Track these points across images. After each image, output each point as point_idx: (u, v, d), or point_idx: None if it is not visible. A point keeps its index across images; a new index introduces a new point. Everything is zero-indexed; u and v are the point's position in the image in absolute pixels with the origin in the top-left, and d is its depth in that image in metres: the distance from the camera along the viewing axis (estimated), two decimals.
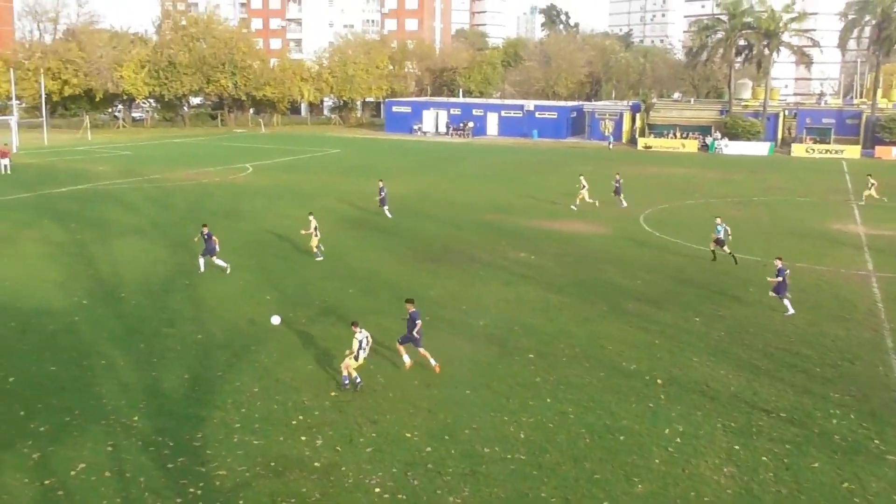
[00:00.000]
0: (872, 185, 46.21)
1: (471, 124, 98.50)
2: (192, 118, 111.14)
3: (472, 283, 27.85)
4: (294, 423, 16.42)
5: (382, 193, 40.10)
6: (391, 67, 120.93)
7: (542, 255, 32.42)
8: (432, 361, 19.35)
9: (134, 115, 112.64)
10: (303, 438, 15.71)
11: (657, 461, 15.00)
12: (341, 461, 14.81)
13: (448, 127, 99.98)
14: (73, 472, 14.21)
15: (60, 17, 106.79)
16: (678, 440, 15.86)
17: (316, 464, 14.70)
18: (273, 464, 14.66)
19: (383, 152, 76.95)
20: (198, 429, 16.03)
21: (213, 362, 19.76)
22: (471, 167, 64.94)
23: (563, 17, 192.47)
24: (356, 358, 18.18)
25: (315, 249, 30.73)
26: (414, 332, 19.40)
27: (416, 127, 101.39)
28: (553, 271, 29.82)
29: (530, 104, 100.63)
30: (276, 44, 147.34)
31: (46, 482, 13.88)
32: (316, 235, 30.91)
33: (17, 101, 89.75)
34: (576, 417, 16.89)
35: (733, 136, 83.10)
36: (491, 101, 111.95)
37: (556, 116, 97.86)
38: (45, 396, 17.49)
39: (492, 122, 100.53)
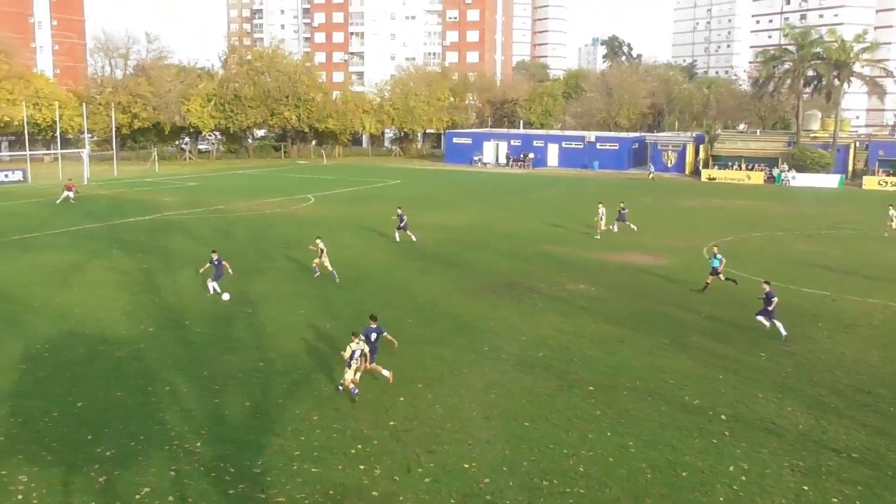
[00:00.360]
0: None
1: (531, 155, 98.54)
2: (256, 150, 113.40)
3: (531, 314, 27.71)
4: (353, 451, 16.46)
5: (403, 220, 41.47)
6: (452, 99, 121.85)
7: (601, 286, 32.12)
8: (385, 373, 20.10)
9: (200, 147, 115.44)
10: (361, 467, 15.73)
11: (721, 499, 14.63)
12: (399, 491, 14.78)
13: (508, 158, 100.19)
14: (137, 496, 14.45)
15: (131, 52, 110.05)
16: (743, 478, 15.46)
17: (374, 493, 14.69)
18: (331, 492, 14.70)
19: (443, 183, 77.40)
20: (258, 456, 16.17)
21: (274, 390, 19.97)
22: (531, 198, 64.86)
23: (625, 49, 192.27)
24: (349, 365, 18.92)
25: (325, 270, 32.12)
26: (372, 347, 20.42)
27: (476, 158, 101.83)
28: (613, 303, 29.50)
29: (591, 135, 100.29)
30: (338, 77, 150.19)
31: None
32: (321, 258, 32.14)
33: (89, 135, 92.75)
34: (637, 452, 16.60)
35: (801, 168, 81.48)
36: (551, 132, 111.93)
37: (617, 147, 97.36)
38: (112, 421, 17.86)
39: (552, 153, 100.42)
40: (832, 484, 15.32)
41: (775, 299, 24.18)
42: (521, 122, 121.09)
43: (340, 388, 19.62)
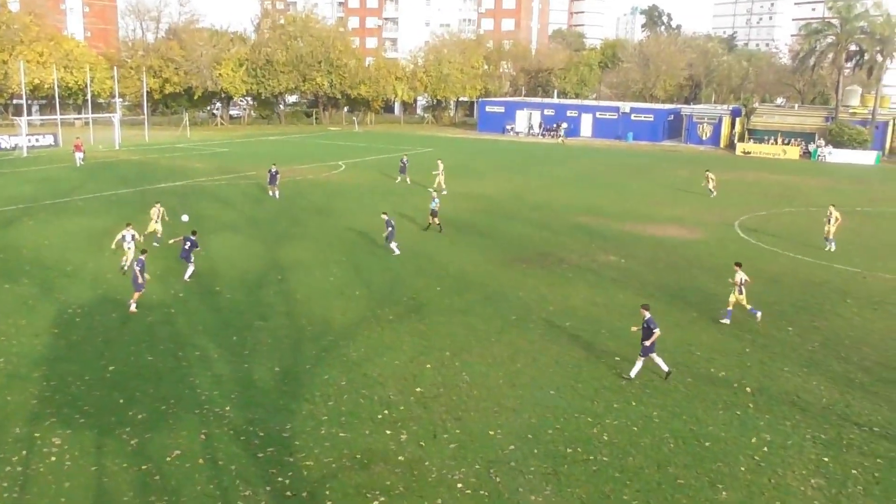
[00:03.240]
0: None
1: (564, 125, 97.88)
2: (287, 116, 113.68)
3: (561, 284, 27.77)
4: (380, 417, 16.73)
5: (404, 161, 50.67)
6: (486, 67, 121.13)
7: (632, 259, 32.06)
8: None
9: (231, 112, 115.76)
10: (388, 433, 16.00)
11: (743, 469, 14.72)
12: (425, 456, 15.03)
13: (541, 127, 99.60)
14: (168, 459, 14.83)
15: (162, 16, 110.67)
16: (765, 449, 15.53)
17: (400, 458, 14.96)
18: (359, 456, 14.99)
19: (476, 152, 77.22)
20: (287, 420, 16.49)
21: (303, 356, 20.28)
22: (563, 169, 64.56)
23: (664, 19, 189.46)
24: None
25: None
26: None
27: (508, 127, 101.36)
28: (643, 276, 29.45)
29: (626, 106, 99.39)
30: (371, 42, 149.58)
31: (143, 467, 14.51)
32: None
33: (120, 99, 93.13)
34: (661, 422, 16.71)
35: (838, 144, 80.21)
36: (586, 102, 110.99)
37: (652, 119, 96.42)
38: (143, 385, 18.26)
39: (586, 123, 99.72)
40: (853, 457, 15.35)
41: (656, 331, 18.96)
42: (556, 91, 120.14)
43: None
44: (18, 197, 43.41)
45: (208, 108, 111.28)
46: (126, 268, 27.60)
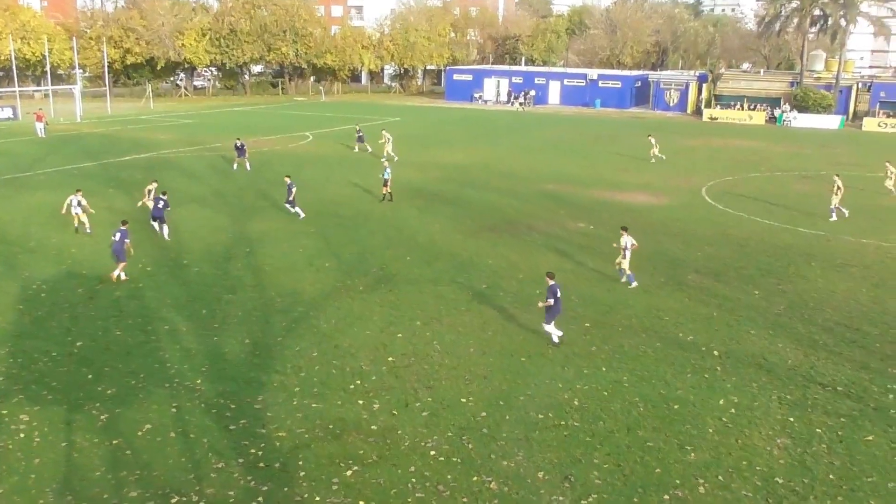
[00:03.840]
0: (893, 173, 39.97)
1: (532, 93, 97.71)
2: (253, 86, 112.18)
3: (531, 252, 27.88)
4: (352, 387, 16.76)
5: (360, 133, 50.54)
6: (453, 35, 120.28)
7: (601, 225, 32.24)
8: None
9: (196, 83, 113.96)
10: (360, 402, 16.05)
11: (711, 431, 14.98)
12: (398, 425, 15.11)
13: (509, 95, 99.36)
14: (139, 433, 14.76)
15: None
16: (732, 411, 15.80)
17: (373, 427, 15.02)
18: (331, 426, 15.03)
19: (443, 121, 76.94)
20: (258, 392, 16.47)
21: (273, 328, 20.22)
22: (531, 137, 64.56)
23: None
24: None
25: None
26: None
27: (476, 95, 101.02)
28: (611, 242, 29.60)
29: (594, 73, 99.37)
30: (337, 11, 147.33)
31: (114, 442, 14.44)
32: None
33: (80, 70, 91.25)
34: (630, 386, 16.92)
35: (803, 109, 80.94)
36: (554, 69, 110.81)
37: (619, 86, 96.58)
38: (112, 361, 18.10)
39: (554, 90, 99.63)
40: (817, 416, 15.66)
41: (550, 301, 19.04)
42: (523, 59, 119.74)
43: None
44: None
45: (171, 78, 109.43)
46: (89, 231, 28.95)
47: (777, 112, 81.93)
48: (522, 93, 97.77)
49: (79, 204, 29.22)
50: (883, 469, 13.75)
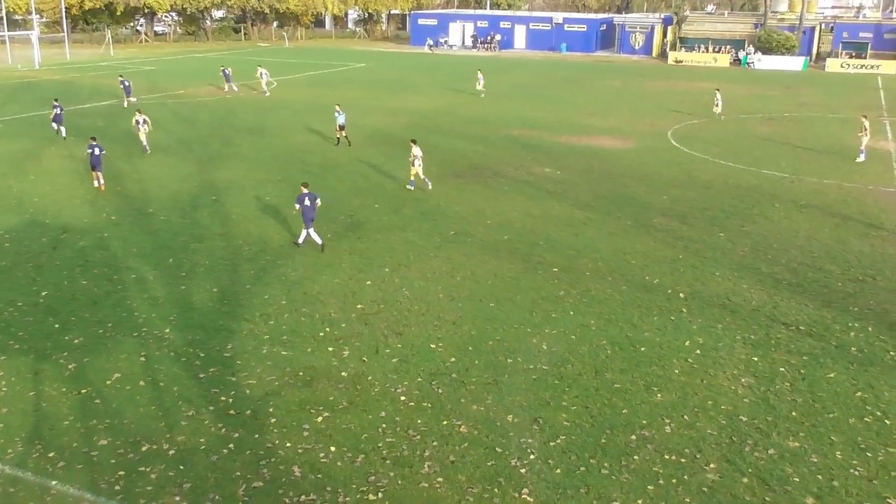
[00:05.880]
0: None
1: (498, 37, 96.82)
2: (215, 32, 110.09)
3: (497, 198, 27.90)
4: (321, 334, 16.79)
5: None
6: None
7: (568, 170, 32.30)
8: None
9: (156, 29, 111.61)
10: (330, 349, 16.09)
11: (677, 372, 15.25)
12: (368, 371, 15.19)
13: (475, 40, 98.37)
14: (108, 382, 14.70)
15: None
16: (698, 352, 16.08)
17: (343, 373, 15.09)
18: (301, 374, 15.08)
19: (408, 67, 76.09)
20: (227, 340, 16.45)
21: (241, 276, 20.13)
22: (497, 81, 64.10)
23: None
24: None
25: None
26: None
27: (441, 40, 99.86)
28: (579, 187, 29.75)
29: (559, 17, 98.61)
30: None
31: (83, 391, 14.38)
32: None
33: (38, 16, 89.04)
34: (598, 330, 17.12)
35: (767, 51, 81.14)
36: (519, 13, 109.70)
37: (585, 29, 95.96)
38: (79, 310, 17.96)
39: (519, 35, 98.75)
40: (780, 355, 16.00)
41: (297, 206, 22.10)
42: (489, 2, 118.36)
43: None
44: None
45: (131, 24, 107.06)
46: (147, 150, 34.19)
47: (741, 54, 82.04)
48: (489, 36, 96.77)
49: (145, 122, 34.30)
50: (844, 405, 14.11)
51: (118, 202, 26.83)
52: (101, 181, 28.35)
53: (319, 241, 22.01)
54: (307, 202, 21.88)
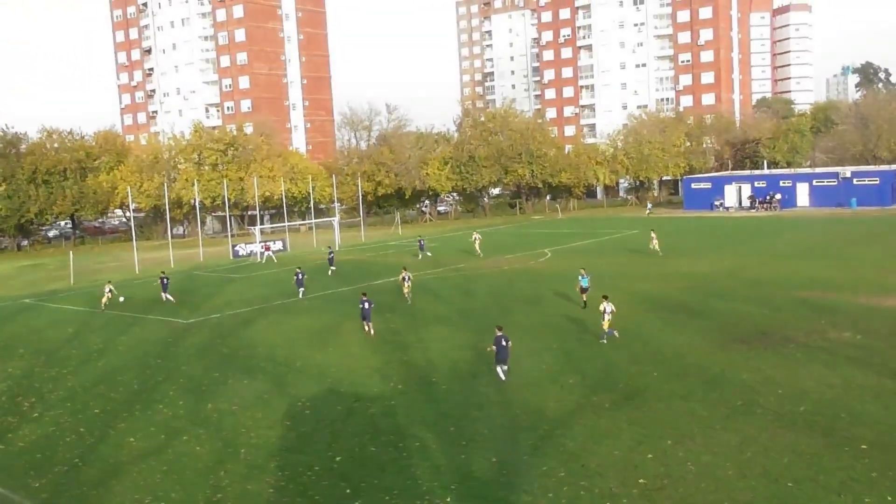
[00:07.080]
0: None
1: (778, 196, 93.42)
2: (491, 208, 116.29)
3: (789, 365, 25.89)
4: None
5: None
6: (688, 144, 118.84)
7: (870, 334, 29.42)
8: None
9: (439, 208, 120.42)
10: None
11: None
12: None
13: (752, 200, 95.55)
14: None
15: (373, 124, 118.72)
16: None
17: None
18: None
19: (684, 231, 75.04)
20: None
21: (520, 446, 19.96)
22: (781, 242, 61.27)
23: (881, 75, 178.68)
24: None
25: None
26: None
27: (716, 203, 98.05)
28: (886, 353, 26.88)
29: (846, 170, 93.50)
30: (570, 130, 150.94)
31: None
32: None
33: (338, 203, 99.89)
34: None
35: None
36: (800, 170, 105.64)
37: (878, 182, 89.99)
38: (368, 476, 18.63)
39: (802, 192, 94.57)
40: None
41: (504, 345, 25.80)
42: (765, 162, 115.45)
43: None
44: (253, 298, 46.91)
45: (417, 205, 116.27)
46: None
47: None
48: (768, 196, 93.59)
49: (409, 279, 42.00)
50: None
51: (404, 371, 28.10)
52: (371, 329, 33.65)
53: (503, 378, 25.40)
54: (503, 343, 25.46)
